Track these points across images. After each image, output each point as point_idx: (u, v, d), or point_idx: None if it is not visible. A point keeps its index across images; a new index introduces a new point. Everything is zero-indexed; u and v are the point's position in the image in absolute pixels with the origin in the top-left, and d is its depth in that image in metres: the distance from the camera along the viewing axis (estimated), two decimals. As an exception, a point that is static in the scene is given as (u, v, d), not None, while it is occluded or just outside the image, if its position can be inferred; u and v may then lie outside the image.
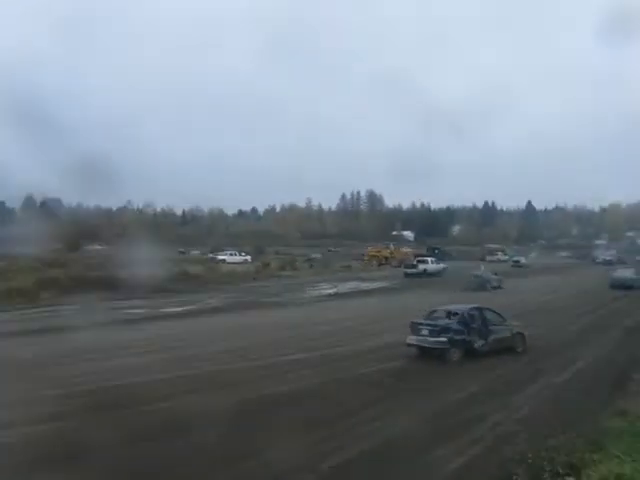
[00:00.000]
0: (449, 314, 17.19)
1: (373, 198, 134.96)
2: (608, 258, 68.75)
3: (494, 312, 17.85)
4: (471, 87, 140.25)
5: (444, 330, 16.23)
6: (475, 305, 18.16)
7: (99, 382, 13.31)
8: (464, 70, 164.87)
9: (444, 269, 51.54)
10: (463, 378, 14.26)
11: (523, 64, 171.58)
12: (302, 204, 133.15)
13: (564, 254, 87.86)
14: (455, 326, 16.47)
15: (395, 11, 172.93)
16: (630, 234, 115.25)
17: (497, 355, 16.52)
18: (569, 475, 7.59)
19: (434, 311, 17.74)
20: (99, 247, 52.47)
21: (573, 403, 12.23)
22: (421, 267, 49.37)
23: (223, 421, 10.36)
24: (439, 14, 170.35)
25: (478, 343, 16.55)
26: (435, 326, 16.43)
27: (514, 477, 7.77)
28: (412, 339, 16.72)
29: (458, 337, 16.25)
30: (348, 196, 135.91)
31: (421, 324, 16.75)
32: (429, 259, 52.79)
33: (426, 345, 16.37)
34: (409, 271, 48.77)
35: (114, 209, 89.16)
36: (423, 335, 16.42)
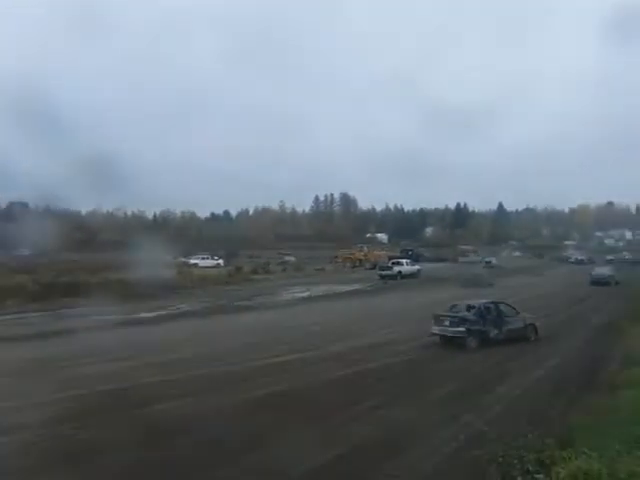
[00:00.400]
0: (468, 307, 19.09)
1: (347, 200, 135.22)
2: (580, 258, 74.75)
3: (509, 306, 19.88)
4: (446, 90, 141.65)
5: (462, 321, 18.23)
6: (491, 300, 20.19)
7: (81, 388, 13.06)
8: (442, 72, 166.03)
9: (419, 271, 51.92)
10: (433, 380, 14.33)
11: (501, 67, 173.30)
12: (275, 207, 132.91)
13: (517, 254, 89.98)
14: (472, 317, 18.44)
15: (365, 11, 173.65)
16: (599, 234, 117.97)
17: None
18: (538, 473, 7.64)
19: (455, 305, 19.77)
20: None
21: (543, 401, 12.40)
22: (396, 269, 49.47)
23: (202, 426, 10.52)
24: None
25: (493, 332, 18.45)
26: (454, 317, 18.48)
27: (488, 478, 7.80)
28: (435, 329, 18.64)
29: (475, 327, 18.20)
30: (322, 198, 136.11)
31: (443, 316, 18.83)
32: (404, 261, 53.04)
33: (447, 334, 18.32)
34: (384, 273, 48.74)
35: (83, 213, 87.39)
36: (445, 325, 18.41)
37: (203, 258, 57.26)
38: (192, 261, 54.26)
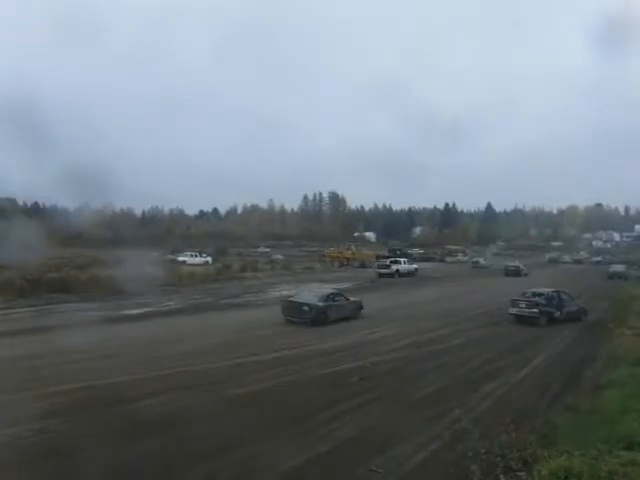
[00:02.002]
0: (537, 294, 24.03)
1: (335, 199, 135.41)
2: (578, 258, 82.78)
3: (567, 294, 24.84)
4: (437, 93, 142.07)
5: (535, 304, 23.24)
6: (554, 289, 25.01)
7: (66, 384, 13.00)
8: (432, 74, 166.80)
9: (416, 269, 53.19)
10: (411, 384, 14.27)
11: (488, 69, 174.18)
12: (264, 205, 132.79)
13: (506, 254, 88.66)
14: (543, 301, 23.44)
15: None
16: (587, 236, 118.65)
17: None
18: (521, 471, 7.74)
19: (525, 292, 24.65)
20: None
21: (527, 400, 12.55)
22: (394, 267, 50.86)
23: (185, 422, 10.55)
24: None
25: (556, 313, 23.25)
26: (529, 302, 23.47)
27: (471, 475, 7.89)
28: (513, 310, 23.77)
29: (544, 309, 23.13)
30: (310, 197, 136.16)
31: (519, 300, 23.86)
32: (402, 260, 54.24)
33: (523, 314, 23.26)
34: (382, 271, 50.19)
35: (71, 210, 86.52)
36: (521, 307, 23.52)
37: (191, 255, 57.01)
38: (180, 258, 54.00)
